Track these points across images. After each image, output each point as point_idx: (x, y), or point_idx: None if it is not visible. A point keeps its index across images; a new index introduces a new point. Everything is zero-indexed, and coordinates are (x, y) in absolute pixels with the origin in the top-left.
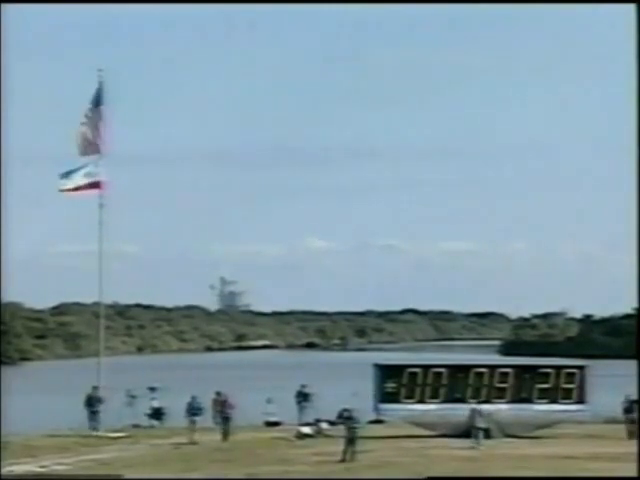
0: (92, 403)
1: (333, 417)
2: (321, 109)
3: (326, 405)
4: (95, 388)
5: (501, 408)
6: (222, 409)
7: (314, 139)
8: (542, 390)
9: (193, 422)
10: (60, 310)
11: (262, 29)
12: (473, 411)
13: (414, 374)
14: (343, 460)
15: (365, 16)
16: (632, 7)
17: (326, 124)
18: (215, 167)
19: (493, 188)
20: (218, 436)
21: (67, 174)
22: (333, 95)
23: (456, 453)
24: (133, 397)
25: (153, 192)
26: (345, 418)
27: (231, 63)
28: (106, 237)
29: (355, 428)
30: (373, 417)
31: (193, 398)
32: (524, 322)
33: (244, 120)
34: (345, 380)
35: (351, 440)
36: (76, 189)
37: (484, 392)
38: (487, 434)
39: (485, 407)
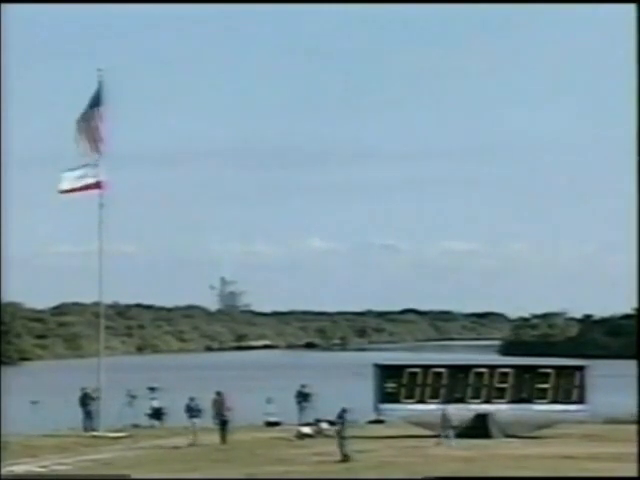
0: (86, 403)
1: (333, 417)
2: (321, 109)
3: (326, 405)
4: (84, 389)
5: (501, 408)
6: (220, 411)
7: (314, 139)
8: (542, 390)
9: (192, 423)
10: (60, 310)
11: (263, 29)
12: (444, 411)
13: (414, 374)
14: (343, 460)
15: (365, 16)
16: (632, 7)
17: (326, 124)
18: (215, 167)
19: (493, 188)
20: (218, 437)
21: (67, 174)
22: (333, 95)
23: (456, 453)
24: (133, 397)
25: (153, 192)
26: (338, 417)
27: (231, 63)
28: (106, 237)
29: (341, 429)
30: (373, 417)
31: (191, 399)
32: (524, 322)
33: (244, 120)
34: (345, 380)
35: (341, 440)
36: (75, 189)
37: (484, 392)
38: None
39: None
